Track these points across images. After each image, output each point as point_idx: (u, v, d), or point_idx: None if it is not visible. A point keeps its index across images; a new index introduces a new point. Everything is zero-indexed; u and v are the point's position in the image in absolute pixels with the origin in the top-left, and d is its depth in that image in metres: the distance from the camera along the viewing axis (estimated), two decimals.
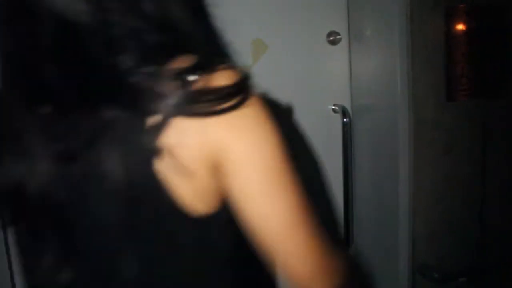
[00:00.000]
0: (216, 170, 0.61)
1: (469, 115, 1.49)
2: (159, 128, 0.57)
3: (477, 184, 1.49)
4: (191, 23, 0.67)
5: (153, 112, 0.58)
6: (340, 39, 1.63)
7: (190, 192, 0.60)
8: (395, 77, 1.40)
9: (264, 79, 0.79)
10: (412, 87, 1.41)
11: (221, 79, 0.60)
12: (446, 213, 1.46)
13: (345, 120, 1.59)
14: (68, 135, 0.61)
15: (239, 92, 0.60)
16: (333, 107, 1.66)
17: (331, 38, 1.63)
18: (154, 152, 0.57)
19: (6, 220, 0.71)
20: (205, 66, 0.60)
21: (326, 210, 1.57)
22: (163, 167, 0.58)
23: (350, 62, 1.67)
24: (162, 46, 0.62)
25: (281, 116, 0.68)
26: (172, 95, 0.57)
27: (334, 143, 1.62)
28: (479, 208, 1.49)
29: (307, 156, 1.60)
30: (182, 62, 0.60)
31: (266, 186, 0.62)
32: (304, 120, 1.59)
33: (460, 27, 1.51)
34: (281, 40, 1.58)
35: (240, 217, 0.63)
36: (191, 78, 0.58)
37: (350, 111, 1.63)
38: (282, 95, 1.43)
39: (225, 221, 0.64)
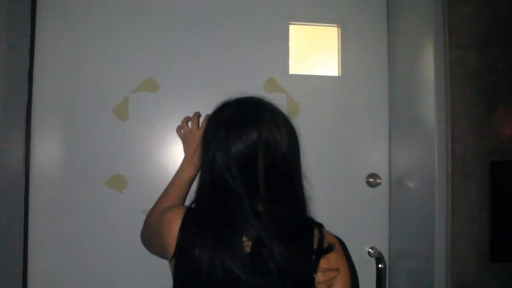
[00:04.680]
0: None
1: None
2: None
3: None
4: None
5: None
6: (379, 183, 1.61)
7: None
8: (431, 236, 1.35)
9: None
10: (451, 247, 1.34)
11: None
12: None
13: (379, 266, 1.53)
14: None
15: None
16: (369, 250, 1.60)
17: (370, 180, 1.62)
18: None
19: None
20: None
21: None
22: None
23: (389, 204, 1.64)
24: None
25: None
26: None
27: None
28: None
29: None
30: None
31: None
32: None
33: (507, 181, 1.45)
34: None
35: None
36: None
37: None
38: None
39: None
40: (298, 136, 1.10)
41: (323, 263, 1.01)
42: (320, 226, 1.06)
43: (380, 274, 1.52)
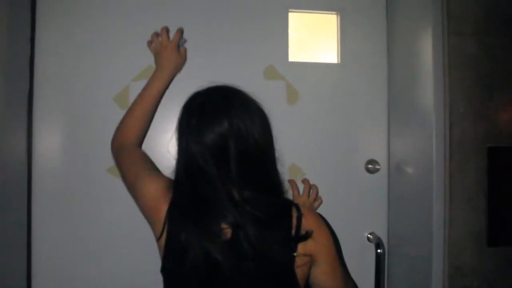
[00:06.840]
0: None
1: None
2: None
3: None
4: None
5: None
6: (378, 169, 1.63)
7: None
8: (429, 221, 1.37)
9: None
10: (449, 231, 1.37)
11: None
12: None
13: (379, 251, 1.55)
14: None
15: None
16: (368, 235, 1.63)
17: (369, 166, 1.63)
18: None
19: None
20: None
21: None
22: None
23: (388, 190, 1.66)
24: None
25: None
26: None
27: (367, 273, 1.57)
28: None
29: None
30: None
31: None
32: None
33: (504, 167, 1.46)
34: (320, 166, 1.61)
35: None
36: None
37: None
38: None
39: None
40: (270, 121, 1.12)
41: (301, 247, 1.03)
42: (297, 206, 1.08)
43: (379, 259, 1.54)
